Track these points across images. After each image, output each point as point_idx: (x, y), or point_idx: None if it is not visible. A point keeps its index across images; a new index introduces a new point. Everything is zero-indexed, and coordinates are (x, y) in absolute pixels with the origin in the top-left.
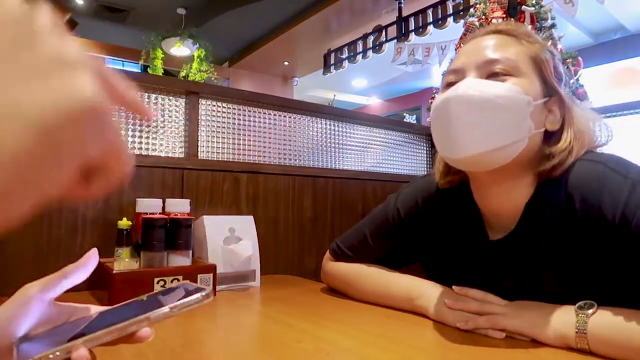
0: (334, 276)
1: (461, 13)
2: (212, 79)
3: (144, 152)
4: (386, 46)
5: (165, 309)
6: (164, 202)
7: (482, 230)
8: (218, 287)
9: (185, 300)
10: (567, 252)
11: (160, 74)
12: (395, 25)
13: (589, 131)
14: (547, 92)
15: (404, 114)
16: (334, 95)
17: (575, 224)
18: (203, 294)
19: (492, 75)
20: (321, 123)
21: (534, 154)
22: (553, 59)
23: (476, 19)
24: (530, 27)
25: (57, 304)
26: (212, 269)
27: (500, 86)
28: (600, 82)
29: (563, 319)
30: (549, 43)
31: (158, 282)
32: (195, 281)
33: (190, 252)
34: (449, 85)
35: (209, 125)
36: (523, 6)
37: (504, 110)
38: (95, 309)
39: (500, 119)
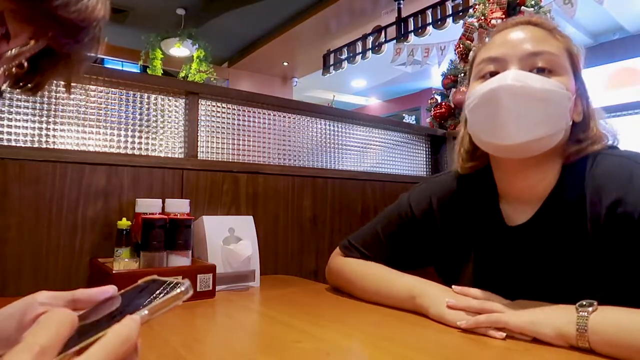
0: (339, 273)
1: (460, 14)
2: (212, 79)
3: (143, 153)
4: (385, 47)
5: (144, 311)
6: (163, 202)
7: (499, 217)
8: (218, 287)
9: (163, 299)
10: (584, 242)
11: (160, 75)
12: (394, 26)
13: (604, 125)
14: (576, 85)
15: (404, 115)
16: (334, 96)
17: (597, 216)
18: (182, 289)
19: (536, 69)
20: (320, 123)
21: (563, 143)
22: (580, 52)
23: (475, 20)
24: None
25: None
26: (211, 269)
27: (546, 80)
28: (599, 83)
29: (563, 318)
30: None
31: None
32: (195, 281)
33: (190, 252)
34: (490, 74)
35: (208, 126)
36: (522, 7)
37: (550, 103)
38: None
39: (546, 111)
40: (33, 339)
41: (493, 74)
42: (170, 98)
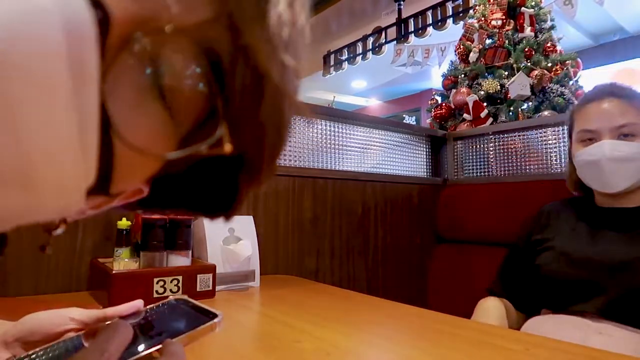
0: None
1: (460, 15)
2: None
3: None
4: (386, 47)
5: (182, 337)
6: None
7: (597, 206)
8: (218, 287)
9: (200, 328)
10: None
11: None
12: (394, 27)
13: None
14: None
15: (404, 116)
16: (334, 97)
17: None
18: (216, 320)
19: (622, 135)
20: (321, 124)
21: None
22: None
23: (475, 21)
24: (529, 28)
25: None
26: (211, 269)
27: (632, 145)
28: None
29: None
30: (548, 45)
31: (157, 283)
32: (195, 281)
33: (190, 252)
34: (588, 140)
35: None
36: (522, 8)
37: (638, 160)
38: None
39: (637, 165)
40: (103, 344)
41: (591, 139)
42: None
